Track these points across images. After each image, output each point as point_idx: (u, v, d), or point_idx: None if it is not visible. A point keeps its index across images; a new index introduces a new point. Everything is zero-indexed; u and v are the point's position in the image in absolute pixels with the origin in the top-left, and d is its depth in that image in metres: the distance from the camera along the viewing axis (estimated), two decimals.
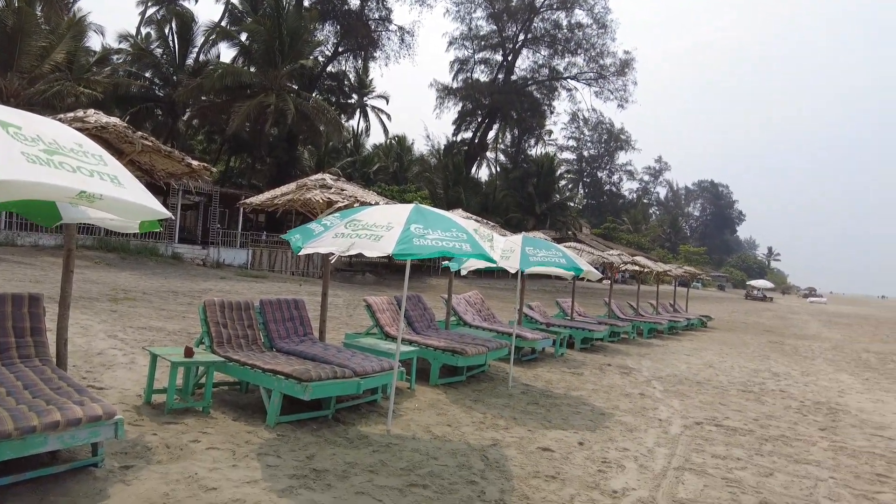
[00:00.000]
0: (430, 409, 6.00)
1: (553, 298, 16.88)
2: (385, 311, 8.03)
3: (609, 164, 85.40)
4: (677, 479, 4.54)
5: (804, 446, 5.81)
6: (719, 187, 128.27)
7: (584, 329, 11.67)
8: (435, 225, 4.65)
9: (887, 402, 8.63)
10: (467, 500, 3.80)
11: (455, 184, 40.12)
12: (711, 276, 71.08)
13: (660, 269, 19.23)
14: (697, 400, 7.68)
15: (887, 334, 24.11)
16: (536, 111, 50.50)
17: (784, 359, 13.11)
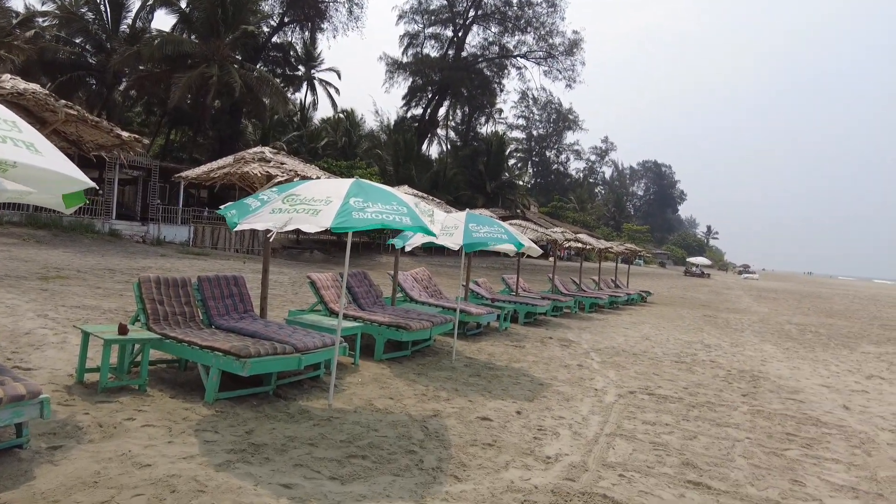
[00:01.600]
0: (373, 383, 6.06)
1: (500, 275, 17.16)
2: (329, 288, 7.99)
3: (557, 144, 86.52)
4: (608, 445, 4.78)
5: (727, 411, 6.20)
6: (662, 167, 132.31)
7: (528, 304, 11.96)
8: (375, 198, 4.66)
9: (802, 369, 9.28)
10: (405, 468, 3.89)
11: (406, 161, 39.82)
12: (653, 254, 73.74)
13: (602, 246, 19.80)
14: (633, 370, 8.04)
15: (808, 307, 25.75)
16: (487, 89, 50.50)
17: (716, 331, 13.83)
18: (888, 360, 11.13)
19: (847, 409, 6.74)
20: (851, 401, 7.22)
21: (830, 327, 17.06)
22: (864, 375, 9.17)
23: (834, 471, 4.59)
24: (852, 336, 15.03)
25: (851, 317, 21.92)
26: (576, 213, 68.24)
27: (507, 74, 52.31)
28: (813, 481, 4.32)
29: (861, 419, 6.34)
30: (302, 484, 3.49)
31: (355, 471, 3.76)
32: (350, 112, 44.47)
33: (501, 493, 3.64)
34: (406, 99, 49.73)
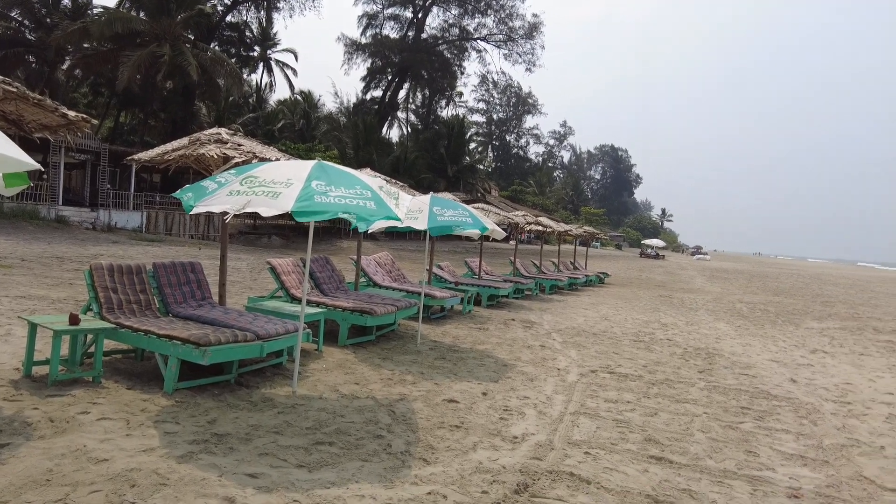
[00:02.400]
0: (337, 369, 6.00)
1: (462, 259, 17.21)
2: (290, 274, 7.84)
3: (517, 128, 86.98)
4: (573, 423, 4.87)
5: (684, 387, 6.40)
6: (619, 152, 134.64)
7: (491, 287, 12.05)
8: (338, 182, 4.55)
9: (753, 346, 9.66)
10: (373, 453, 3.87)
11: (366, 143, 39.28)
12: (610, 236, 75.27)
13: (561, 229, 20.07)
14: (593, 350, 8.21)
15: (757, 287, 26.80)
16: (447, 71, 50.23)
17: (672, 311, 14.25)
18: (829, 335, 11.70)
19: (794, 383, 7.06)
20: (798, 374, 7.56)
21: (778, 305, 17.81)
22: (809, 350, 9.62)
23: (784, 441, 4.81)
24: (797, 313, 15.73)
25: (796, 295, 22.93)
26: (535, 197, 68.89)
27: (468, 57, 52.20)
28: (766, 451, 4.50)
29: (807, 391, 6.65)
30: (268, 473, 3.43)
31: (323, 458, 3.72)
32: (308, 94, 43.55)
33: (470, 474, 3.66)
34: (365, 81, 49.05)
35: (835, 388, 6.90)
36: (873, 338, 11.70)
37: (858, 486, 3.99)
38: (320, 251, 20.46)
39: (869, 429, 5.37)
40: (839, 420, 5.57)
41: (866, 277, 50.16)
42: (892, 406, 6.28)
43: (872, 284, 36.69)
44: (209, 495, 3.09)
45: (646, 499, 3.50)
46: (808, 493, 3.79)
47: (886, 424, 5.56)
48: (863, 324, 14.13)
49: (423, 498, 3.29)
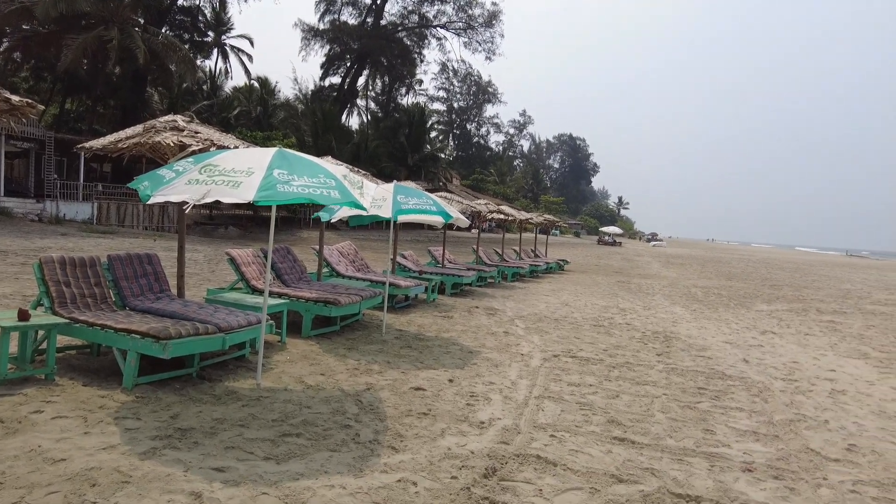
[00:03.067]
0: (302, 360, 5.94)
1: (425, 248, 17.21)
2: (251, 265, 7.69)
3: (477, 117, 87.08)
4: (538, 407, 4.96)
5: (644, 370, 6.59)
6: (577, 141, 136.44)
7: (455, 275, 12.11)
8: (300, 170, 4.48)
9: (708, 329, 10.02)
10: (342, 443, 3.86)
11: (325, 131, 38.65)
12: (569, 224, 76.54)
13: (523, 217, 20.28)
14: (555, 335, 8.36)
15: (710, 272, 27.74)
16: (407, 59, 49.79)
17: (630, 296, 14.61)
18: (778, 316, 12.23)
19: (747, 363, 7.36)
20: (750, 355, 7.89)
21: (730, 289, 18.48)
22: (760, 331, 10.04)
23: (738, 418, 5.02)
24: (748, 296, 16.38)
25: (747, 279, 23.84)
26: (496, 186, 69.30)
27: (428, 45, 51.85)
28: (722, 429, 4.70)
29: (758, 371, 6.95)
30: (235, 466, 3.38)
31: (290, 449, 3.69)
32: (265, 80, 42.44)
33: (439, 460, 3.70)
34: (324, 67, 48.20)
35: (783, 367, 7.23)
36: (816, 318, 12.29)
37: (805, 457, 4.21)
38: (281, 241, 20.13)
39: (814, 404, 5.65)
40: (787, 397, 5.85)
41: (809, 261, 52.52)
42: (834, 382, 6.63)
43: (815, 268, 38.46)
44: (175, 491, 3.04)
45: (610, 478, 3.60)
46: (760, 466, 3.98)
47: (829, 399, 5.87)
48: (807, 305, 14.82)
49: (393, 486, 3.30)
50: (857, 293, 19.70)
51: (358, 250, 11.34)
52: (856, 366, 7.65)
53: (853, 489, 3.73)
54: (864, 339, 9.85)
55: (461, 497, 3.22)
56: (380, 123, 48.45)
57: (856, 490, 3.72)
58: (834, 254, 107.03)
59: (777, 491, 3.61)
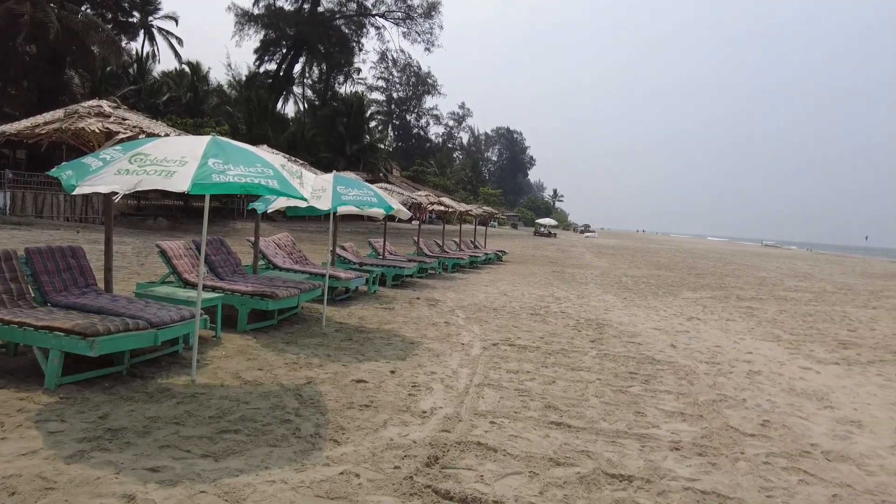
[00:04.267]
0: (239, 355, 5.80)
1: (366, 239, 17.07)
2: (182, 257, 7.41)
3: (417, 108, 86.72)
4: (478, 395, 5.07)
5: (578, 356, 6.84)
6: (514, 134, 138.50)
7: (395, 267, 12.09)
8: (236, 160, 4.35)
9: (638, 316, 10.48)
10: (282, 438, 3.82)
11: (260, 119, 37.46)
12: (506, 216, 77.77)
13: (462, 209, 20.45)
14: (494, 324, 8.53)
15: (640, 261, 28.95)
16: (345, 47, 48.96)
17: (564, 285, 15.06)
18: (702, 303, 12.94)
19: (674, 348, 7.77)
20: (677, 340, 8.33)
21: (658, 278, 19.37)
22: (686, 318, 10.60)
23: (667, 400, 5.31)
24: (675, 285, 17.23)
25: (674, 268, 25.05)
26: (436, 178, 69.41)
27: (366, 34, 51.14)
28: (652, 411, 4.96)
29: (684, 355, 7.35)
30: (171, 465, 3.28)
31: (229, 446, 3.61)
32: (196, 65, 40.63)
33: (382, 451, 3.72)
34: (258, 53, 46.65)
35: (707, 351, 7.68)
36: (737, 305, 13.10)
37: (726, 434, 4.51)
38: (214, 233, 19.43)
39: (734, 385, 6.05)
40: (710, 379, 6.23)
41: (730, 251, 55.73)
42: (751, 364, 7.11)
43: (736, 257, 40.88)
44: (105, 494, 2.92)
45: (548, 462, 3.74)
46: (686, 444, 4.23)
47: (747, 380, 6.30)
48: (728, 293, 15.76)
49: (335, 478, 3.30)
50: (771, 281, 21.11)
51: (295, 242, 11.13)
52: (770, 348, 8.23)
53: (766, 461, 4.04)
54: (777, 324, 10.59)
55: (404, 486, 3.26)
56: (317, 112, 47.46)
57: (768, 462, 4.03)
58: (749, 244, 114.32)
59: (701, 467, 3.85)
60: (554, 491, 3.35)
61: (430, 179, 66.95)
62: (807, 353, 8.05)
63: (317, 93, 52.90)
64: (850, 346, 8.70)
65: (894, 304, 15.34)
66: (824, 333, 9.79)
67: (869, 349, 8.58)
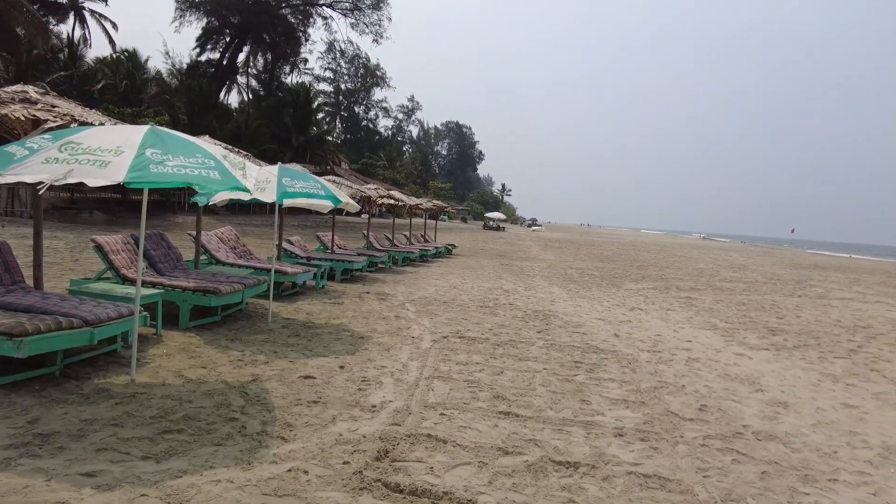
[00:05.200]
0: (181, 353, 5.61)
1: (313, 233, 16.79)
2: (120, 252, 7.09)
3: (366, 100, 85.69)
4: (428, 387, 5.09)
5: (526, 347, 6.97)
6: (463, 128, 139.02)
7: (344, 261, 11.95)
8: (176, 150, 4.18)
9: (583, 307, 10.76)
10: (228, 437, 3.73)
11: (203, 110, 36.12)
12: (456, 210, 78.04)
13: (412, 203, 20.42)
14: (444, 317, 8.57)
15: (585, 254, 29.70)
16: (291, 37, 47.74)
17: (512, 278, 15.28)
18: (644, 294, 13.41)
19: (617, 337, 8.03)
20: (620, 329, 8.60)
21: (602, 270, 19.93)
22: (628, 308, 10.96)
23: (611, 388, 5.48)
24: (618, 276, 17.77)
25: (616, 260, 25.82)
26: (386, 171, 68.95)
27: (313, 23, 50.02)
28: (596, 399, 5.11)
29: (627, 344, 7.61)
30: (109, 469, 3.15)
31: (171, 446, 3.50)
32: (133, 52, 38.74)
33: (331, 446, 3.69)
34: (200, 41, 44.89)
35: (648, 340, 7.97)
36: (676, 295, 13.65)
37: (667, 419, 4.70)
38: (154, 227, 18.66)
39: (674, 372, 6.31)
40: (652, 367, 6.47)
41: (670, 243, 57.89)
42: (690, 352, 7.43)
43: (675, 250, 42.51)
44: (36, 503, 2.77)
45: (497, 451, 3.80)
46: (629, 430, 4.39)
47: (686, 367, 6.58)
48: (668, 284, 16.39)
49: (283, 475, 3.25)
50: (708, 272, 22.08)
51: (239, 236, 10.83)
52: (707, 336, 8.62)
53: (703, 443, 4.24)
54: (714, 313, 11.10)
55: (354, 481, 3.25)
56: (262, 102, 46.14)
57: (705, 444, 4.23)
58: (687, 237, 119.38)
59: (643, 451, 4.00)
60: (503, 480, 3.41)
61: (379, 173, 66.39)
62: (740, 340, 8.48)
63: (262, 83, 51.38)
64: (779, 333, 9.22)
65: (817, 293, 16.34)
66: (756, 321, 10.33)
67: (794, 335, 9.11)
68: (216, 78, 43.10)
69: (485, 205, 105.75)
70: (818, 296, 15.62)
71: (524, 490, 3.31)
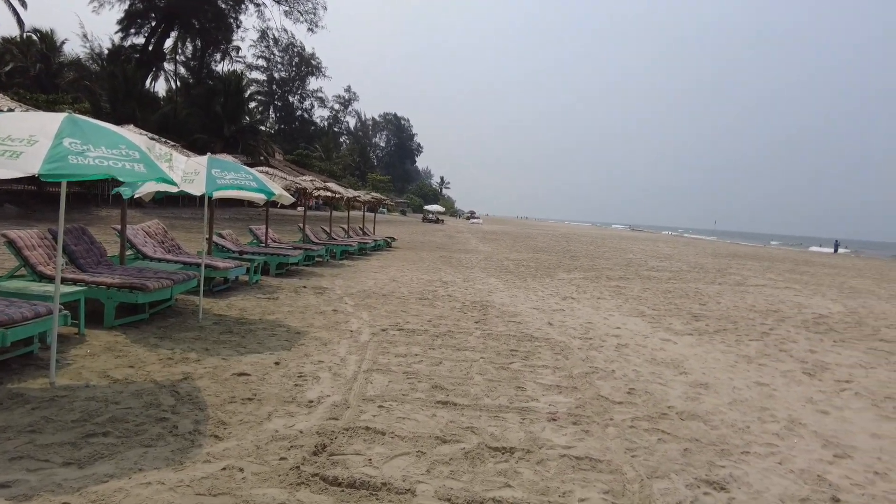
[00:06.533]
0: (106, 353, 5.35)
1: (246, 226, 16.30)
2: (36, 248, 6.66)
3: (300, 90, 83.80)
4: (367, 380, 5.09)
5: (464, 337, 7.07)
6: (402, 120, 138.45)
7: (279, 255, 11.70)
8: (97, 140, 3.97)
9: (519, 297, 11.02)
10: (158, 437, 3.60)
11: (126, 97, 34.22)
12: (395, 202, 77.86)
13: (350, 195, 20.18)
14: (383, 310, 8.57)
15: (521, 246, 30.32)
16: (222, 23, 45.97)
17: (451, 270, 15.42)
18: (576, 284, 13.86)
19: (551, 325, 8.28)
20: (553, 318, 8.87)
21: (537, 261, 20.42)
22: (561, 297, 11.31)
23: (544, 374, 5.66)
24: (552, 267, 18.27)
25: (551, 252, 26.51)
26: (322, 163, 67.71)
27: (245, 10, 48.37)
28: (531, 385, 5.27)
29: (560, 331, 7.86)
30: (25, 479, 2.98)
31: (96, 450, 3.35)
32: (47, 34, 36.17)
33: (266, 443, 3.64)
34: (123, 25, 42.41)
35: (580, 328, 8.26)
36: (606, 284, 14.19)
37: (597, 403, 4.92)
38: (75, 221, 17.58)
39: (604, 357, 6.58)
40: (583, 353, 6.72)
41: (601, 235, 60.00)
42: (619, 338, 7.76)
43: (606, 241, 44.09)
44: None
45: (435, 440, 3.86)
46: (562, 414, 4.56)
47: (615, 353, 6.88)
48: (599, 273, 17.00)
49: (217, 475, 3.19)
50: (637, 262, 23.05)
51: (168, 230, 10.39)
52: (635, 323, 9.02)
53: (632, 425, 4.46)
54: (641, 300, 11.62)
55: (291, 476, 3.22)
56: (192, 91, 44.28)
57: (633, 425, 4.46)
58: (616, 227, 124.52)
59: (576, 434, 4.17)
60: (440, 468, 3.48)
61: (315, 164, 65.13)
62: (666, 326, 8.93)
63: (191, 70, 49.20)
64: (701, 319, 9.77)
65: (736, 280, 17.40)
66: (680, 308, 10.90)
67: (715, 320, 9.69)
68: (141, 64, 40.91)
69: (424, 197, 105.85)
70: (736, 283, 16.63)
71: (461, 477, 3.39)
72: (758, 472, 3.76)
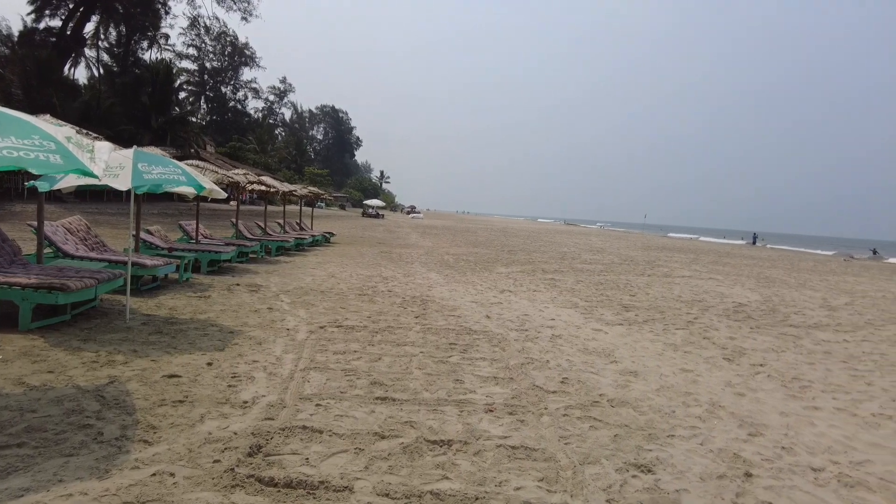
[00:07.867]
0: (22, 358, 5.03)
1: (176, 222, 15.66)
2: None
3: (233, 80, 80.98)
4: (304, 379, 5.02)
5: (404, 332, 7.09)
6: (340, 113, 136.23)
7: (211, 251, 11.31)
8: (6, 130, 3.72)
9: (458, 290, 11.14)
10: (81, 445, 3.44)
11: (42, 84, 31.97)
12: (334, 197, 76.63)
13: (286, 189, 19.73)
14: (322, 307, 8.46)
15: (461, 240, 30.60)
16: (149, 9, 43.70)
17: (391, 265, 15.39)
18: (514, 277, 14.15)
19: (489, 318, 8.42)
20: (491, 311, 9.03)
21: (476, 255, 20.67)
22: (499, 291, 11.51)
23: (482, 367, 5.77)
24: (490, 261, 18.55)
25: (489, 246, 26.90)
26: (257, 155, 65.75)
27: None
28: (469, 378, 5.36)
29: (497, 324, 8.02)
30: None
31: (10, 463, 3.16)
32: None
33: (199, 446, 3.54)
34: (36, 5, 39.52)
35: (517, 320, 8.45)
36: (542, 277, 14.55)
37: (532, 393, 5.06)
38: None
39: (539, 349, 6.77)
40: (520, 345, 6.89)
41: (535, 229, 61.39)
42: (553, 329, 7.99)
43: (542, 235, 45.17)
44: None
45: (374, 436, 3.87)
46: (499, 405, 4.67)
47: (550, 344, 7.09)
48: (535, 267, 17.41)
49: (147, 481, 3.08)
50: (571, 255, 23.75)
51: (91, 226, 9.84)
52: (569, 314, 9.31)
53: (565, 413, 4.62)
54: (575, 293, 12.00)
55: (225, 479, 3.15)
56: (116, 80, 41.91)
57: (567, 414, 4.62)
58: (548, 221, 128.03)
59: (512, 424, 4.28)
60: (379, 464, 3.49)
61: (249, 157, 63.17)
62: (598, 316, 9.27)
63: (115, 58, 46.50)
64: (631, 309, 10.20)
65: (664, 272, 18.25)
66: (611, 299, 11.33)
67: (644, 310, 10.14)
68: (58, 49, 38.32)
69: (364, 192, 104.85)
70: (664, 275, 17.44)
71: (400, 472, 3.41)
72: (681, 454, 3.99)
